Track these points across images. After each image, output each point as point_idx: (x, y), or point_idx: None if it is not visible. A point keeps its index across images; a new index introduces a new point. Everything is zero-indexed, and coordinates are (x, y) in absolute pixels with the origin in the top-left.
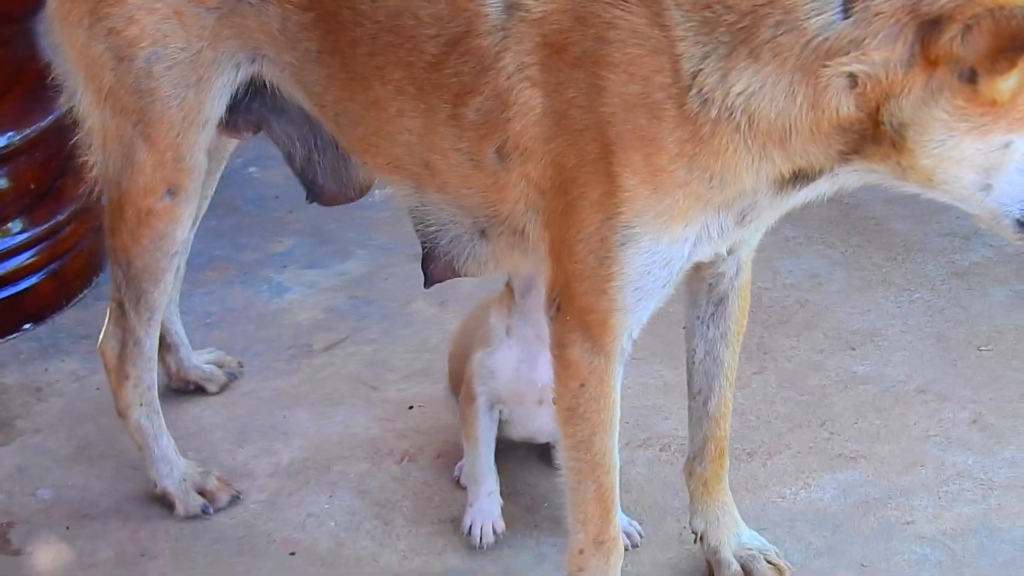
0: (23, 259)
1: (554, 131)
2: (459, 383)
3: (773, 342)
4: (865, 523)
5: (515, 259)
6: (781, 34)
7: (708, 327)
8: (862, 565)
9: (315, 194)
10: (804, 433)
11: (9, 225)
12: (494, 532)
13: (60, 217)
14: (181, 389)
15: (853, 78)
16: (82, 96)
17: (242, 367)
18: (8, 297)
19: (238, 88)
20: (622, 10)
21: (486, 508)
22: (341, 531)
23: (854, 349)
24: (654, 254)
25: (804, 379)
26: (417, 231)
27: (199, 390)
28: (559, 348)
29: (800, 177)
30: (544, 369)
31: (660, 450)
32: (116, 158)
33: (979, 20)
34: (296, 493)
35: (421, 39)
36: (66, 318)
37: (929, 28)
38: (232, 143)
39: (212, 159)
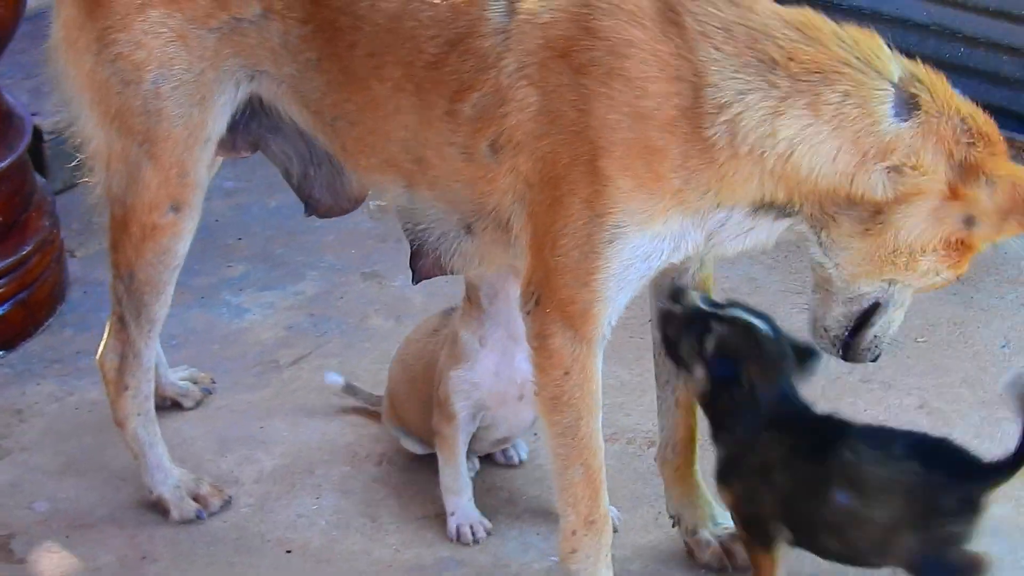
0: None
1: (548, 128)
2: (405, 414)
3: None
4: None
5: (498, 254)
6: (848, 104)
7: None
8: None
9: (312, 207)
10: None
11: None
12: (484, 531)
13: (26, 249)
14: (158, 405)
15: (900, 174)
16: (86, 120)
17: (215, 383)
18: None
19: (238, 107)
20: (641, 30)
21: (468, 513)
22: (332, 529)
23: None
24: (637, 249)
25: None
26: (405, 230)
27: (175, 405)
28: (540, 339)
29: (779, 211)
30: (522, 365)
31: (627, 443)
32: (121, 177)
33: (1003, 181)
34: (284, 496)
35: (421, 40)
36: (36, 344)
37: (958, 169)
38: (219, 162)
39: None
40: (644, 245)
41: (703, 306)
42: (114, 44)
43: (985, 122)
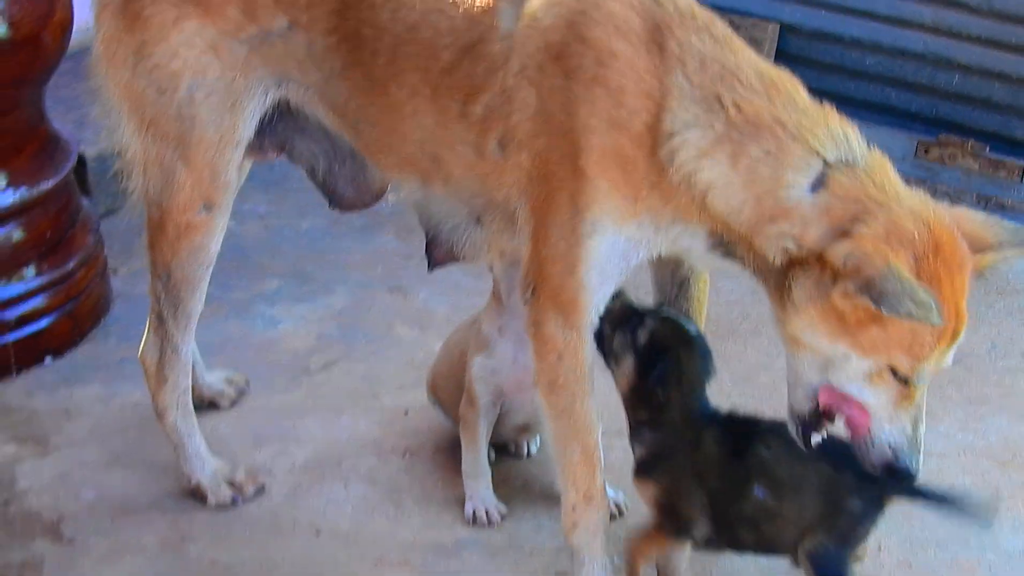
0: (41, 300)
1: (543, 128)
2: (441, 393)
3: (723, 349)
4: None
5: (505, 243)
6: (764, 163)
7: (673, 307)
8: None
9: (336, 202)
10: None
11: (24, 271)
12: (500, 515)
13: (72, 263)
14: (196, 405)
15: (788, 241)
16: (124, 128)
17: (249, 385)
18: (30, 334)
19: (267, 111)
20: (626, 44)
21: (486, 497)
22: (359, 514)
23: None
24: (614, 245)
25: (756, 376)
26: (421, 223)
27: (212, 405)
28: (535, 327)
29: (727, 250)
30: None
31: None
32: (156, 180)
33: (862, 253)
34: (314, 486)
35: (438, 47)
36: (82, 352)
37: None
38: (249, 165)
39: None
40: (620, 243)
41: (636, 305)
42: (151, 56)
43: (929, 224)
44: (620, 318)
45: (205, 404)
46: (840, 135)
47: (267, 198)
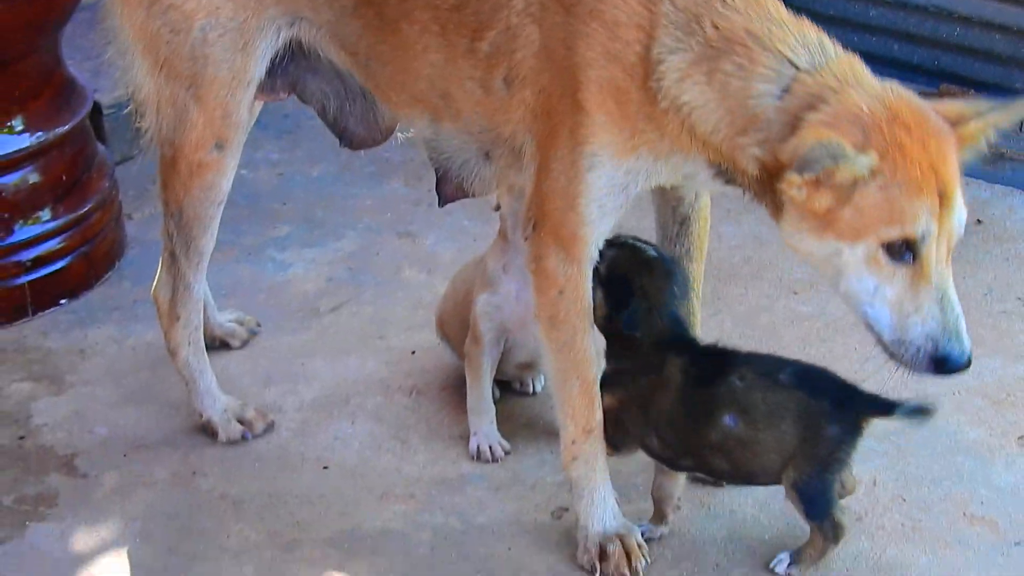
0: (57, 243)
1: (545, 64)
2: (448, 329)
3: (725, 291)
4: None
5: (512, 178)
6: (735, 76)
7: (675, 245)
8: None
9: (347, 140)
10: None
11: (40, 213)
12: (503, 451)
13: (87, 206)
14: (208, 345)
15: (757, 158)
16: (138, 69)
17: (260, 326)
18: (46, 276)
19: (278, 51)
20: None
21: (490, 433)
22: (365, 450)
23: (796, 293)
24: (613, 179)
25: (755, 318)
26: (431, 158)
27: (223, 345)
28: (536, 262)
29: (727, 178)
30: None
31: None
32: (169, 119)
33: (799, 139)
34: (322, 423)
35: None
36: (97, 294)
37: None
38: (260, 105)
39: None
40: (620, 176)
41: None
42: None
43: (885, 100)
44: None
45: (216, 344)
46: (814, 42)
47: (279, 146)
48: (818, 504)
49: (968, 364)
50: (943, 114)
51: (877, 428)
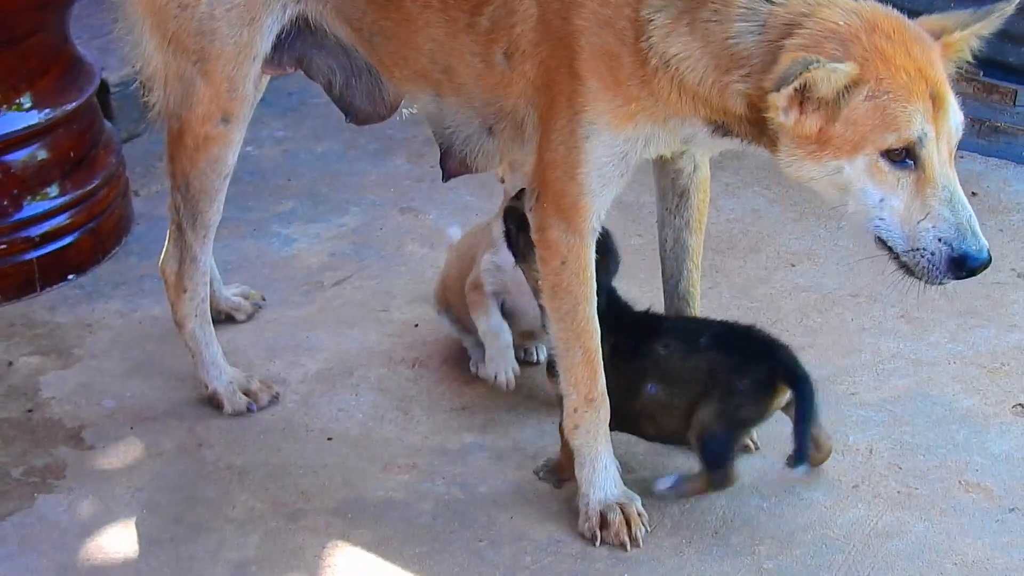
0: (64, 218)
1: (543, 36)
2: (451, 296)
3: (723, 263)
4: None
5: (515, 151)
6: (713, 22)
7: (675, 217)
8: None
9: (352, 115)
10: None
11: (48, 189)
12: (513, 375)
13: (95, 182)
14: (213, 318)
15: (744, 93)
16: (146, 44)
17: (264, 300)
18: (54, 251)
19: (285, 26)
20: None
21: (504, 357)
22: (368, 420)
23: (794, 266)
24: (611, 148)
25: (753, 290)
26: (435, 133)
27: (229, 319)
28: (540, 232)
29: (724, 130)
30: None
31: None
32: (177, 93)
33: (778, 67)
34: (326, 394)
35: None
36: (104, 269)
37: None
38: (266, 80)
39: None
40: (618, 144)
41: None
42: None
43: (860, 13)
44: (524, 217)
45: (222, 317)
46: None
47: (284, 123)
48: (715, 453)
49: (988, 261)
50: (925, 28)
51: (872, 398)
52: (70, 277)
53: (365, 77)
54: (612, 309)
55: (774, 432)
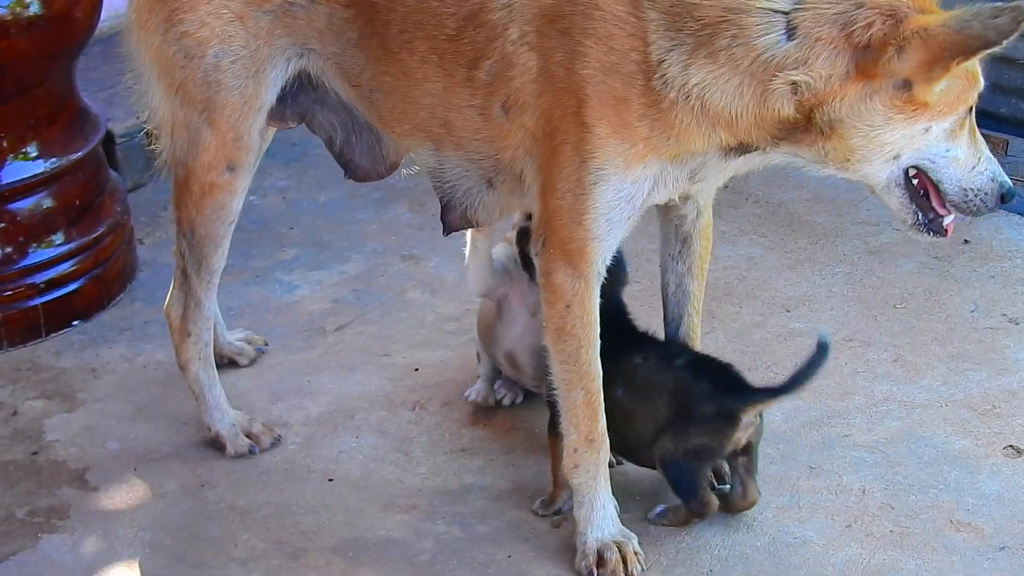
0: (70, 265)
1: (544, 87)
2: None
3: (719, 310)
4: (811, 437)
5: (515, 205)
6: (736, 46)
7: (677, 263)
8: (811, 468)
9: (352, 172)
10: (754, 374)
11: (54, 237)
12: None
13: (100, 230)
14: (217, 362)
15: (796, 87)
16: (154, 92)
17: (267, 344)
18: (59, 297)
19: (288, 80)
20: None
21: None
22: (369, 462)
23: (789, 311)
24: (619, 191)
25: (749, 335)
26: (435, 187)
27: (232, 363)
28: (545, 276)
29: (741, 150)
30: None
31: None
32: (183, 142)
33: (910, 42)
34: (327, 436)
35: (444, 16)
36: (109, 315)
37: (863, 52)
38: (272, 132)
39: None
40: (626, 187)
41: None
42: (180, 23)
43: None
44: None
45: (225, 362)
46: None
47: (287, 173)
48: (680, 482)
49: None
50: None
51: (866, 439)
52: (75, 323)
53: (366, 135)
54: (612, 313)
55: (768, 472)
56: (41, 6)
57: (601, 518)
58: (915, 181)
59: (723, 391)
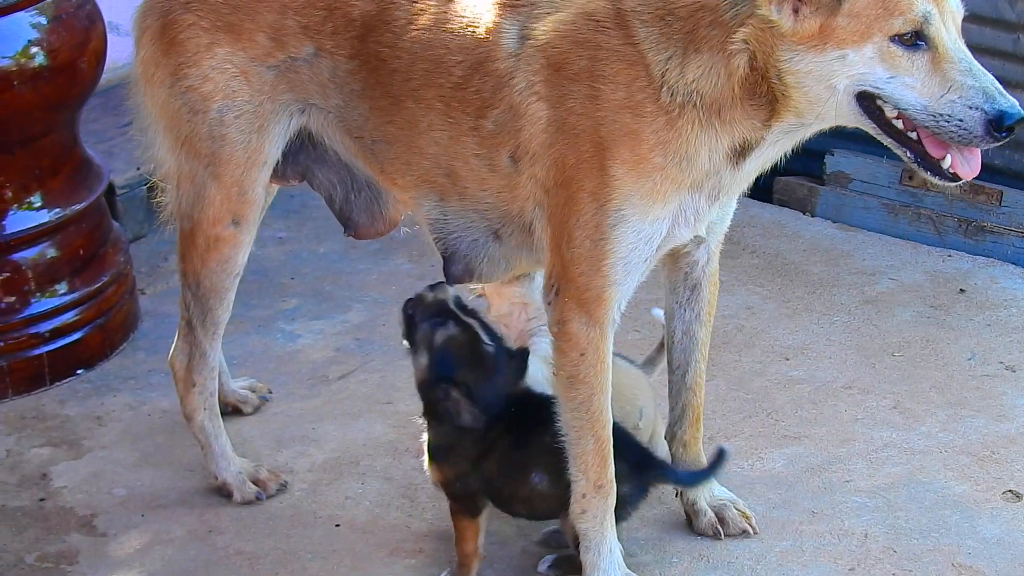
0: (73, 315)
1: (556, 136)
2: None
3: (719, 357)
4: (812, 483)
5: (523, 259)
6: (712, 30)
7: (685, 310)
8: (812, 513)
9: (351, 228)
10: (754, 421)
11: (57, 286)
12: None
13: (103, 280)
14: (221, 411)
15: (745, 43)
16: (160, 145)
17: (271, 392)
18: (63, 346)
19: (291, 138)
20: (603, 34)
21: None
22: (375, 508)
23: (788, 359)
24: (639, 232)
25: (749, 383)
26: (438, 240)
27: (236, 411)
28: (559, 325)
29: (742, 150)
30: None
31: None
32: (189, 195)
33: None
34: (333, 483)
35: (449, 64)
36: (112, 364)
37: None
38: (275, 189)
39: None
40: (645, 228)
41: (450, 303)
42: (185, 78)
43: None
44: (430, 310)
45: (230, 410)
46: None
47: (287, 224)
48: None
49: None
50: None
51: (867, 485)
52: (79, 372)
53: (365, 192)
54: (499, 406)
55: (769, 518)
56: (46, 57)
57: (608, 563)
58: (899, 123)
59: (638, 467)
